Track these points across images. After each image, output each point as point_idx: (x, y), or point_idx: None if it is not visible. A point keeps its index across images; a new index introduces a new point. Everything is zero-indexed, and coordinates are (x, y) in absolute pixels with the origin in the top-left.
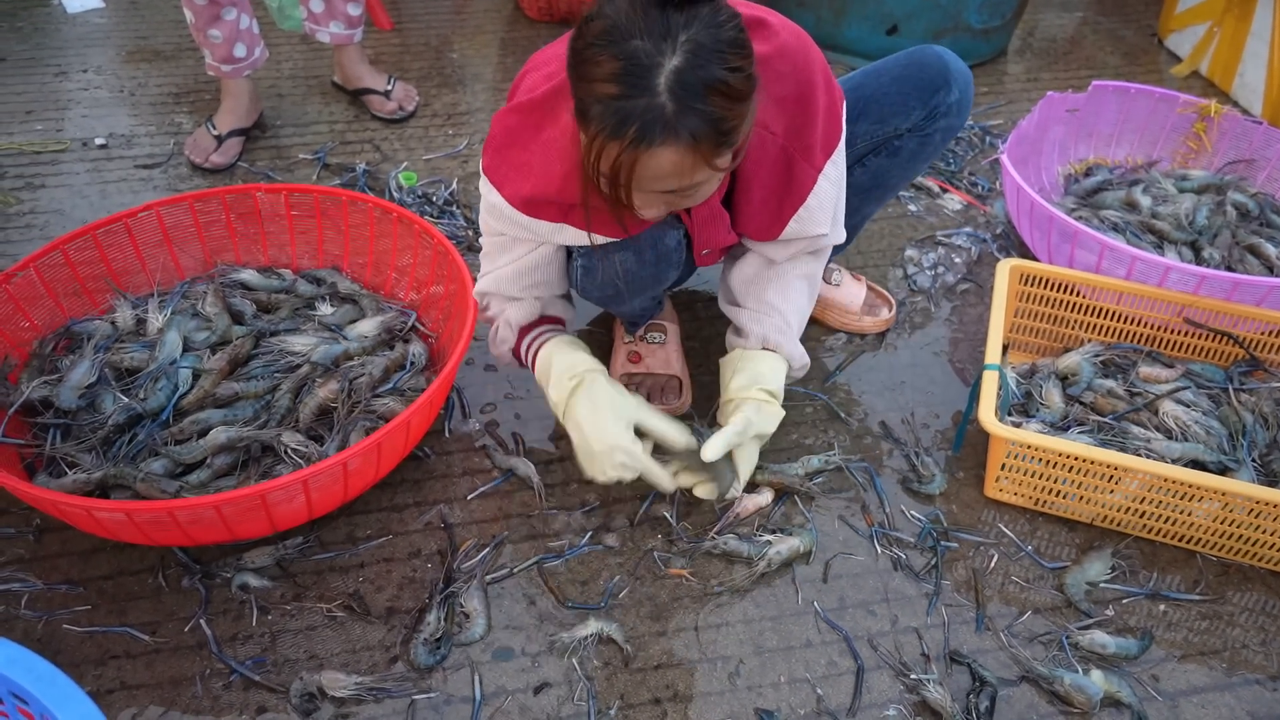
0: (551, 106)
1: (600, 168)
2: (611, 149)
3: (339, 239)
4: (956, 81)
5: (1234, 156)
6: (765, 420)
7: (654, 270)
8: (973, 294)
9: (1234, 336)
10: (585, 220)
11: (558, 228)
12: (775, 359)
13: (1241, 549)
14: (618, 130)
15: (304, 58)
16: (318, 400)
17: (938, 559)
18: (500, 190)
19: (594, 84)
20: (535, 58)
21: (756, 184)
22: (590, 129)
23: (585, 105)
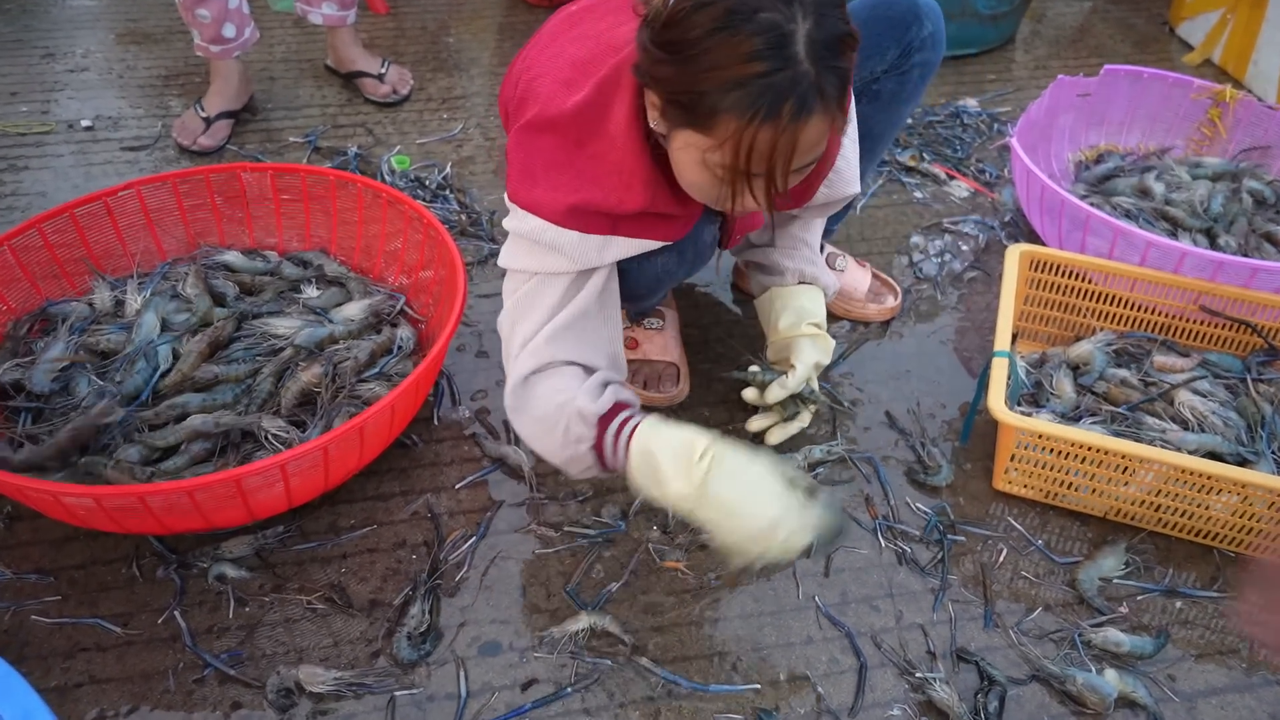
0: (591, 118)
1: (749, 159)
2: (766, 132)
3: (327, 221)
4: (928, 16)
5: (1249, 143)
6: (824, 352)
7: (690, 268)
8: (980, 282)
9: (1252, 325)
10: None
11: (605, 241)
12: (814, 291)
13: (1261, 544)
14: (773, 109)
15: (297, 40)
16: (300, 384)
17: (944, 553)
18: (538, 212)
19: (727, 70)
20: (529, 64)
21: None
22: (729, 121)
23: (713, 99)
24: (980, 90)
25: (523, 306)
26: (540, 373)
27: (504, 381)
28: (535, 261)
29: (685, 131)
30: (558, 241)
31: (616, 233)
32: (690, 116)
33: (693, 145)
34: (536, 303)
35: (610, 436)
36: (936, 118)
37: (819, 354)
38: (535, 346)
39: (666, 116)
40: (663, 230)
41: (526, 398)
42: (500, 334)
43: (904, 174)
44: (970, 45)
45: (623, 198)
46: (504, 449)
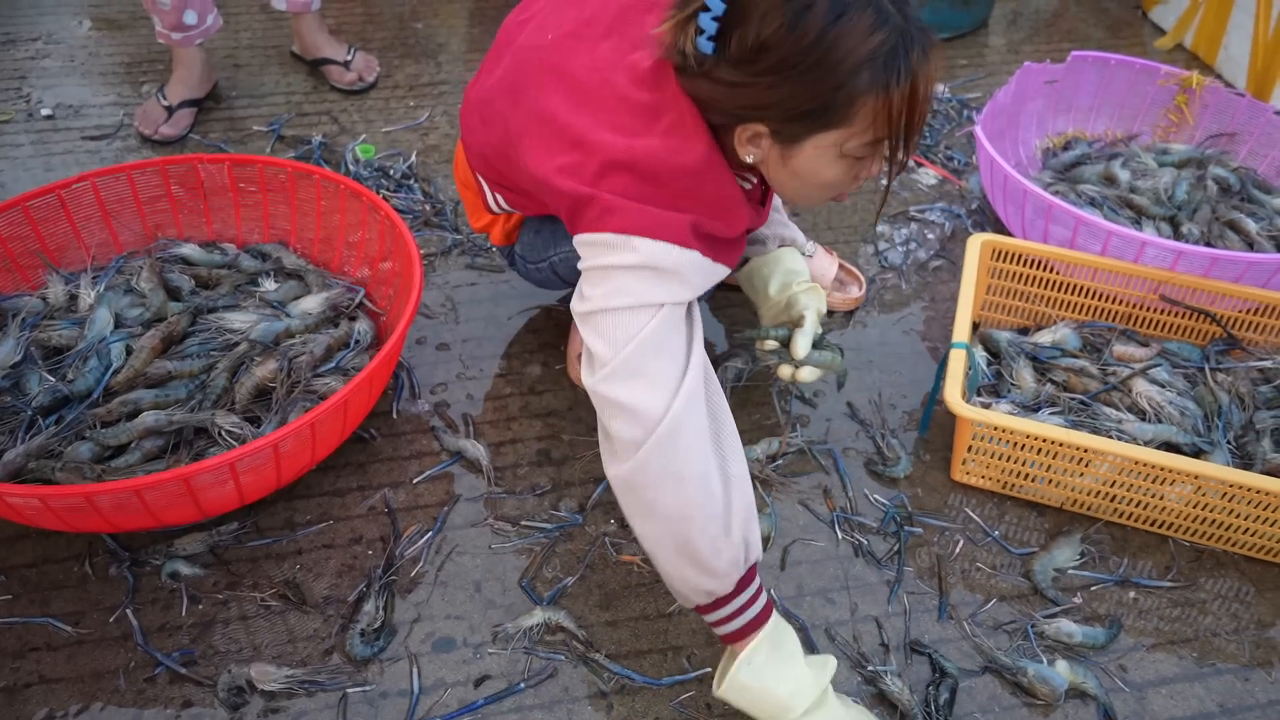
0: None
1: (896, 125)
2: (902, 93)
3: (287, 212)
4: None
5: (1216, 130)
6: (822, 301)
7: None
8: (946, 271)
9: (1211, 314)
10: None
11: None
12: (792, 252)
13: (1215, 534)
14: (905, 69)
15: (262, 26)
16: (255, 380)
17: (900, 545)
18: (655, 234)
19: (855, 54)
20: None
21: None
22: (867, 100)
23: (848, 89)
24: (952, 76)
25: (650, 348)
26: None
27: (464, 374)
28: (660, 291)
29: (814, 138)
30: (681, 263)
31: (719, 260)
32: (823, 118)
33: (829, 144)
34: (669, 342)
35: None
36: None
37: (819, 302)
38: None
39: (781, 138)
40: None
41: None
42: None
43: None
44: (942, 30)
45: (731, 221)
46: (462, 443)
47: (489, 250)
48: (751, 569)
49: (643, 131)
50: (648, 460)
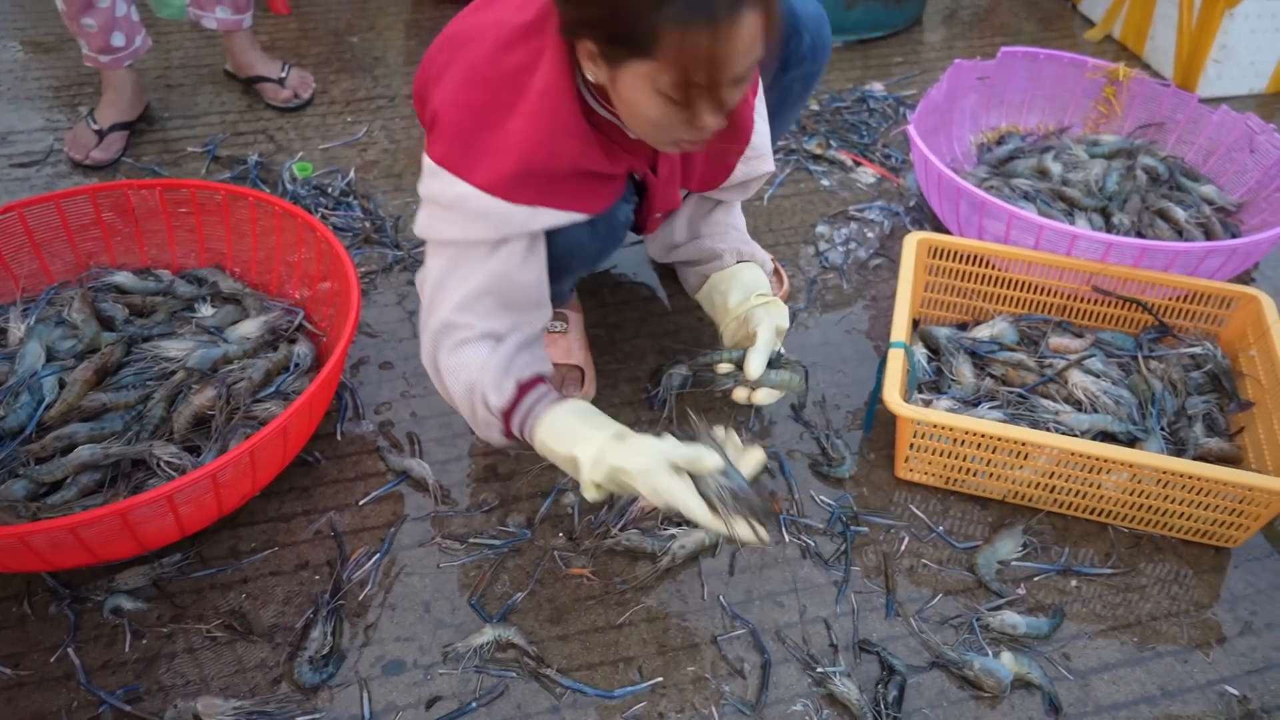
0: (520, 77)
1: (696, 68)
2: (704, 36)
3: (222, 234)
4: (806, 26)
5: (1144, 120)
6: (780, 316)
7: (602, 245)
8: (885, 269)
9: (1142, 303)
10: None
11: (532, 212)
12: (753, 267)
13: (1152, 519)
14: (708, 10)
15: (194, 45)
16: (193, 408)
17: (847, 545)
18: (469, 177)
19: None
20: (459, 31)
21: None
22: (670, 35)
23: (650, 18)
24: (887, 74)
25: (441, 275)
26: (453, 344)
27: (408, 393)
28: (458, 230)
29: (630, 64)
30: (484, 210)
31: (545, 203)
32: (631, 46)
33: (641, 76)
34: (454, 272)
35: (516, 430)
36: (843, 103)
37: (777, 319)
38: (461, 303)
39: (607, 59)
40: (588, 201)
41: (440, 369)
42: (419, 295)
43: (811, 162)
44: (877, 29)
45: (555, 151)
46: (408, 462)
47: None
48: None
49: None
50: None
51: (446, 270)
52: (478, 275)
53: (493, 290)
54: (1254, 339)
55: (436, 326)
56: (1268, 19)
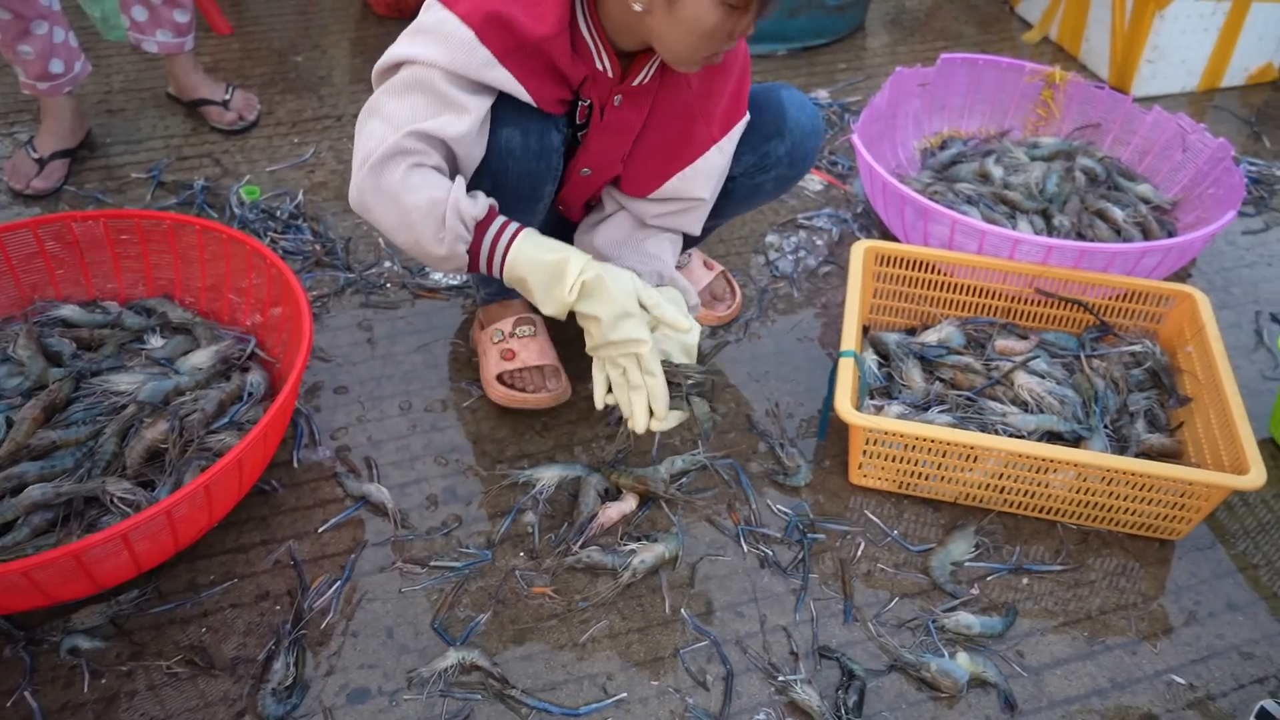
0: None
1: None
2: None
3: (170, 261)
4: (791, 133)
5: (1081, 121)
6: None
7: (534, 166)
8: (835, 276)
9: (1083, 303)
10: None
11: (490, 61)
12: (671, 290)
13: (1098, 515)
14: None
15: (135, 69)
16: (146, 443)
17: (804, 552)
18: (454, 7)
19: None
20: None
21: (655, 130)
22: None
23: None
24: (832, 80)
25: (400, 90)
26: (410, 164)
27: (364, 418)
28: (420, 48)
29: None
30: (454, 34)
31: (504, 61)
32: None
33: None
34: (415, 94)
35: (487, 243)
36: None
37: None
38: (411, 134)
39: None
40: (538, 85)
41: (394, 181)
42: (360, 121)
43: None
44: (820, 36)
45: (534, 14)
46: (366, 487)
47: (383, 287)
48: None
49: None
50: (364, 173)
51: (409, 88)
52: (436, 116)
53: (451, 140)
54: (1190, 335)
55: (389, 150)
56: (1196, 19)
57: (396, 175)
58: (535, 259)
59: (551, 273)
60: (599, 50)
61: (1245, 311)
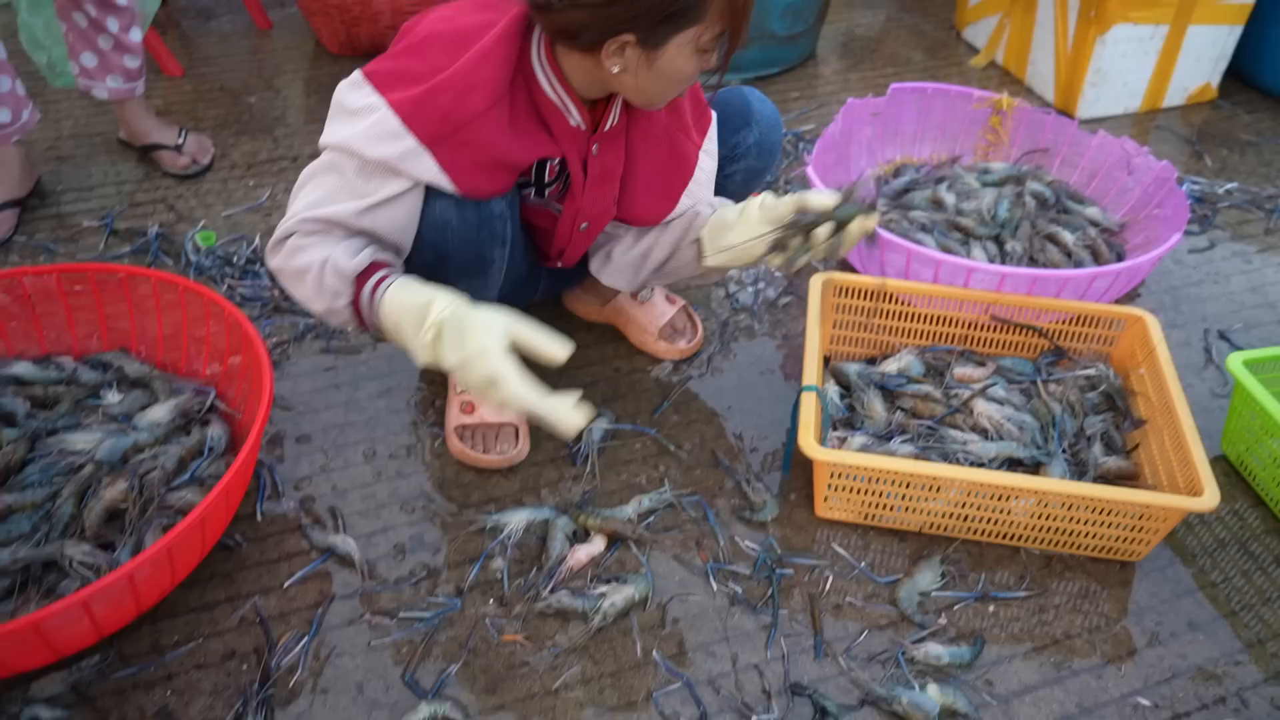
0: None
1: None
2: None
3: (125, 311)
4: (758, 123)
5: (1029, 146)
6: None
7: (475, 236)
8: (795, 306)
9: (1037, 329)
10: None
11: (415, 149)
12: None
13: (1060, 540)
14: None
15: (85, 114)
16: (105, 503)
17: (774, 588)
18: (380, 87)
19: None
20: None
21: (644, 160)
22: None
23: None
24: (785, 109)
25: (319, 172)
26: (310, 229)
27: (327, 467)
28: (345, 135)
29: (676, 37)
30: (380, 123)
31: (432, 150)
32: (685, 17)
33: (688, 40)
34: (332, 177)
35: (366, 296)
36: None
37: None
38: (309, 220)
39: (648, 43)
40: (471, 176)
41: (291, 247)
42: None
43: None
44: (773, 65)
45: (465, 95)
46: (332, 538)
47: (344, 332)
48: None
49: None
50: (271, 242)
51: (333, 179)
52: (351, 197)
53: (362, 216)
54: (1142, 357)
55: (285, 230)
56: (1136, 43)
57: (297, 236)
58: (405, 302)
59: (417, 315)
60: (568, 106)
61: (1194, 329)
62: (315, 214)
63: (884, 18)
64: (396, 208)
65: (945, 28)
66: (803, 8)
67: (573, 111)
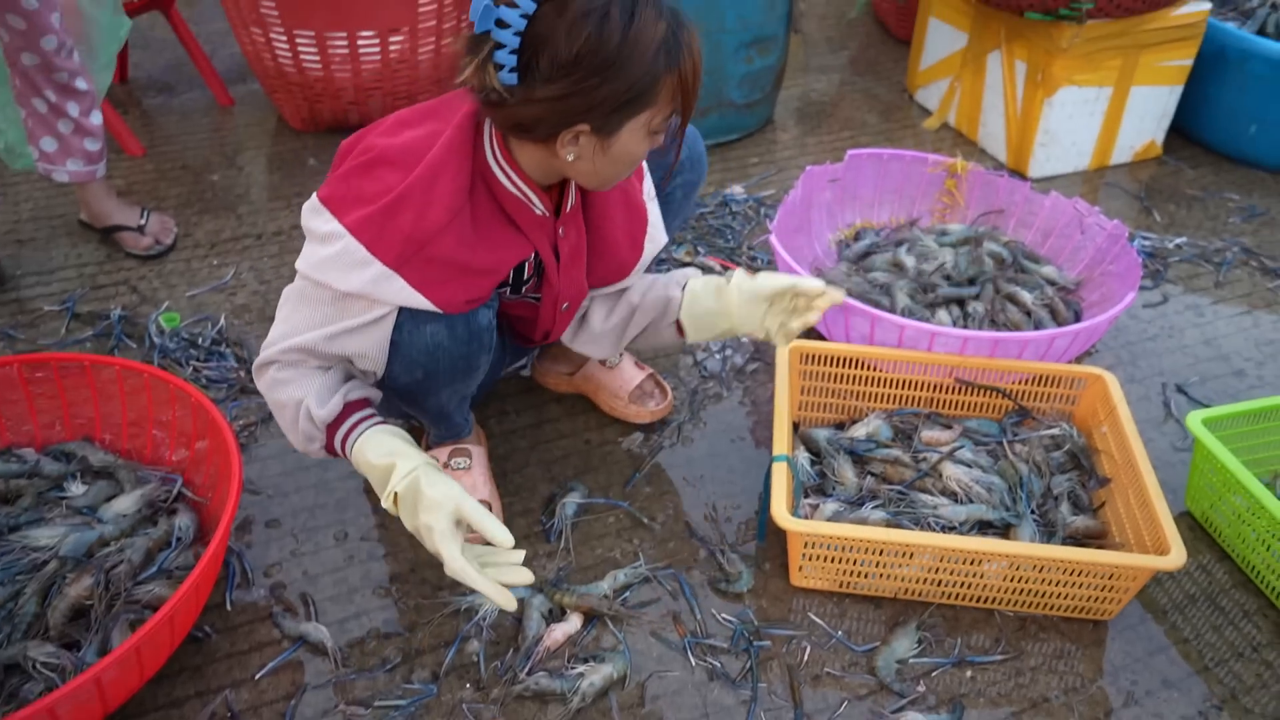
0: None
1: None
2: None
3: (88, 398)
4: (685, 141)
5: (985, 208)
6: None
7: (465, 350)
8: (762, 372)
9: (1001, 390)
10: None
11: (385, 274)
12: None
13: (1032, 601)
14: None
15: (45, 197)
16: (69, 600)
17: (752, 662)
18: (340, 214)
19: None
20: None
21: (606, 223)
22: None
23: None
24: (745, 175)
25: (297, 301)
26: (289, 363)
27: (298, 551)
28: (317, 258)
29: (630, 124)
30: (345, 252)
31: (400, 271)
32: (636, 105)
33: (641, 125)
34: (308, 307)
35: (338, 443)
36: (706, 208)
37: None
38: (289, 349)
39: (602, 130)
40: (444, 291)
41: (271, 380)
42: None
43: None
44: (731, 132)
45: (424, 213)
46: (304, 626)
47: None
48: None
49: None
50: (255, 367)
51: (308, 306)
52: (326, 324)
53: (335, 342)
54: (1104, 416)
55: (265, 359)
56: (1082, 104)
57: (267, 379)
58: (368, 462)
59: (380, 477)
60: (530, 197)
61: (1152, 384)
62: (290, 344)
63: (838, 82)
64: (371, 332)
65: (898, 90)
66: (759, 76)
67: (535, 201)
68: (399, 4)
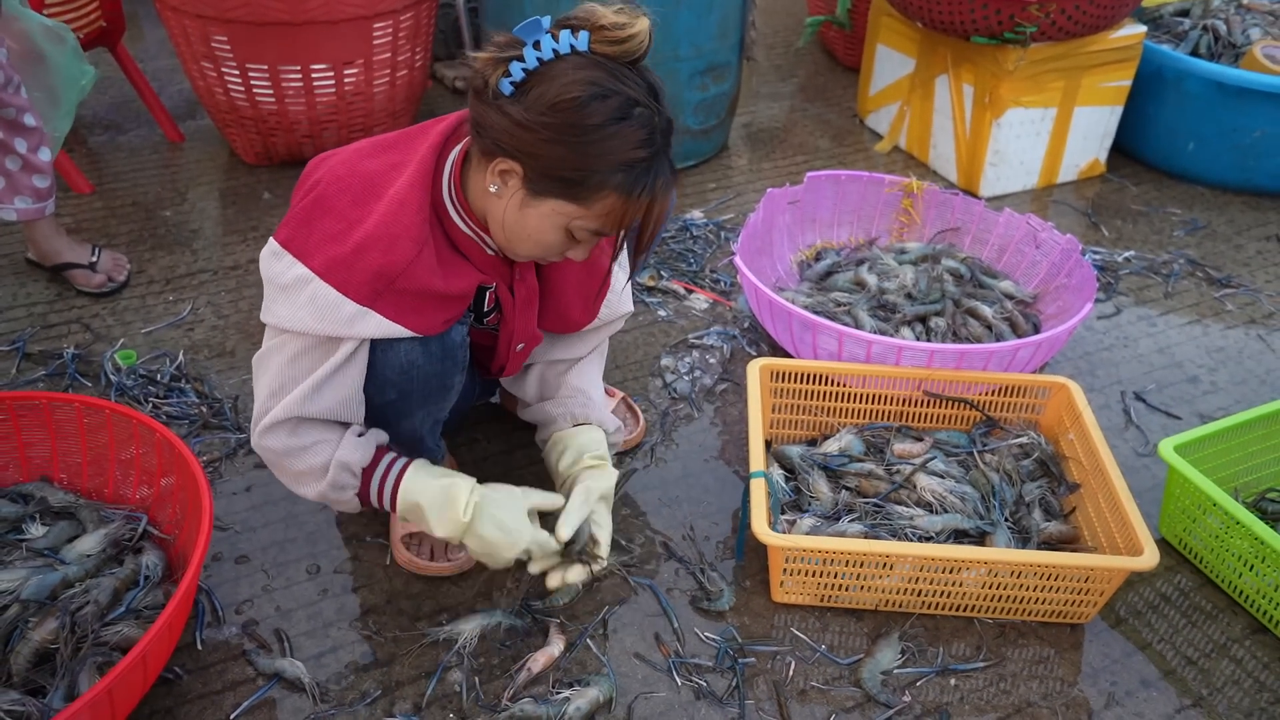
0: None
1: (622, 225)
2: (631, 206)
3: (45, 438)
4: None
5: (941, 226)
6: (603, 481)
7: (440, 368)
8: (731, 392)
9: (969, 401)
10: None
11: (360, 313)
12: (591, 429)
13: (1011, 607)
14: (652, 187)
15: None
16: (33, 645)
17: (738, 679)
18: (306, 260)
19: (620, 155)
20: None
21: (557, 274)
22: (611, 196)
23: (601, 178)
24: (704, 200)
25: (273, 358)
26: (295, 426)
27: (269, 586)
28: (288, 314)
29: (555, 201)
30: (316, 296)
31: (374, 307)
32: (570, 191)
33: (562, 213)
34: (294, 364)
35: (375, 483)
36: (667, 233)
37: (601, 483)
38: (299, 397)
39: (531, 187)
40: (418, 318)
41: (285, 448)
42: (254, 371)
43: (646, 294)
44: (688, 158)
45: (392, 249)
46: (279, 663)
47: None
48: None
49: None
50: (257, 437)
51: (286, 359)
52: (315, 370)
53: (328, 385)
54: (1070, 423)
55: (268, 424)
56: (1029, 124)
57: (279, 442)
58: (428, 484)
59: (444, 496)
60: (481, 237)
61: (1111, 393)
62: (285, 408)
63: (789, 108)
64: (348, 371)
65: (848, 115)
66: (714, 102)
67: (487, 241)
68: (353, 37)
